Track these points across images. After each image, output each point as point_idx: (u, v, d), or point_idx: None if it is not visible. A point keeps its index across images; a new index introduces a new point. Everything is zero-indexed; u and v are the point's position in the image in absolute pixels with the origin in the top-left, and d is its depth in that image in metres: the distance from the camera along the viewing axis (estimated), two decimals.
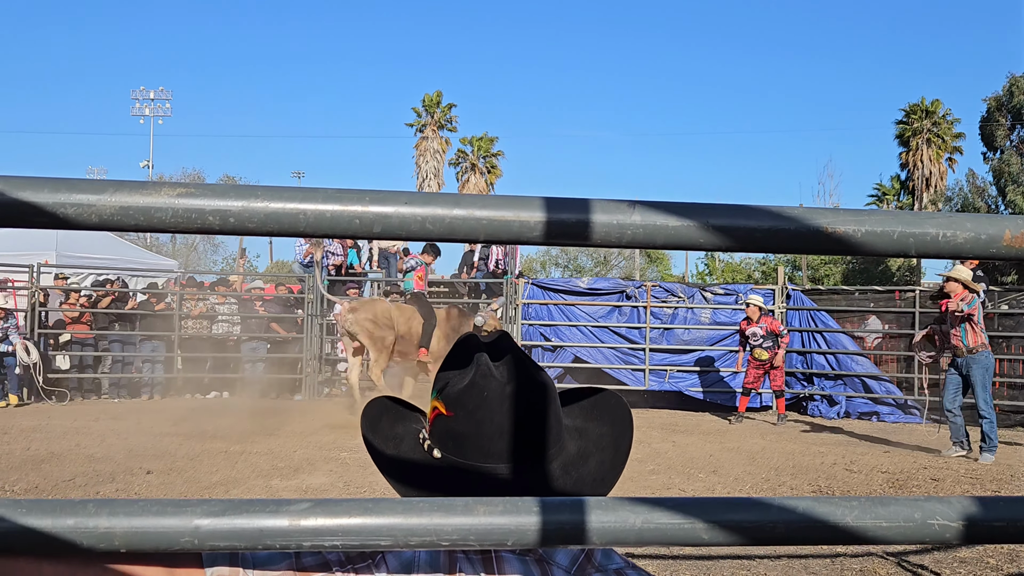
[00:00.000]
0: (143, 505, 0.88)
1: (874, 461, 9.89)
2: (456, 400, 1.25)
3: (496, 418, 1.22)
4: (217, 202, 0.86)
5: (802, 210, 0.92)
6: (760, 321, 13.79)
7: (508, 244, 0.93)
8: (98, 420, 12.37)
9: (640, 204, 0.91)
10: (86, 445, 9.95)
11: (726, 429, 13.05)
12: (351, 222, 0.88)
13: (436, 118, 54.84)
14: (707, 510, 0.91)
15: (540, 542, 0.90)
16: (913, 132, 47.69)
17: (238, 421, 12.41)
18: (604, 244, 0.91)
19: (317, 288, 15.80)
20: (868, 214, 0.93)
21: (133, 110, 57.46)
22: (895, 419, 14.66)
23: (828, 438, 12.22)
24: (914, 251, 0.93)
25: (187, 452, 9.55)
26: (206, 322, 16.51)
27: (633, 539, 0.91)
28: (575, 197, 0.91)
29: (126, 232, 21.39)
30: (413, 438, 1.33)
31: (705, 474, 8.86)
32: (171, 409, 14.15)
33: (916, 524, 0.93)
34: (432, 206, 0.88)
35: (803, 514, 0.92)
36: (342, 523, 0.89)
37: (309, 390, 16.11)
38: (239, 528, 0.88)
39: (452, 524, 0.89)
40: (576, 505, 0.91)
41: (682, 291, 16.23)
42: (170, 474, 8.31)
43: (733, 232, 0.91)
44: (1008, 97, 39.32)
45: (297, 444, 10.30)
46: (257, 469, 8.63)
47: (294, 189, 0.88)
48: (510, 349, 1.28)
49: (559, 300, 16.15)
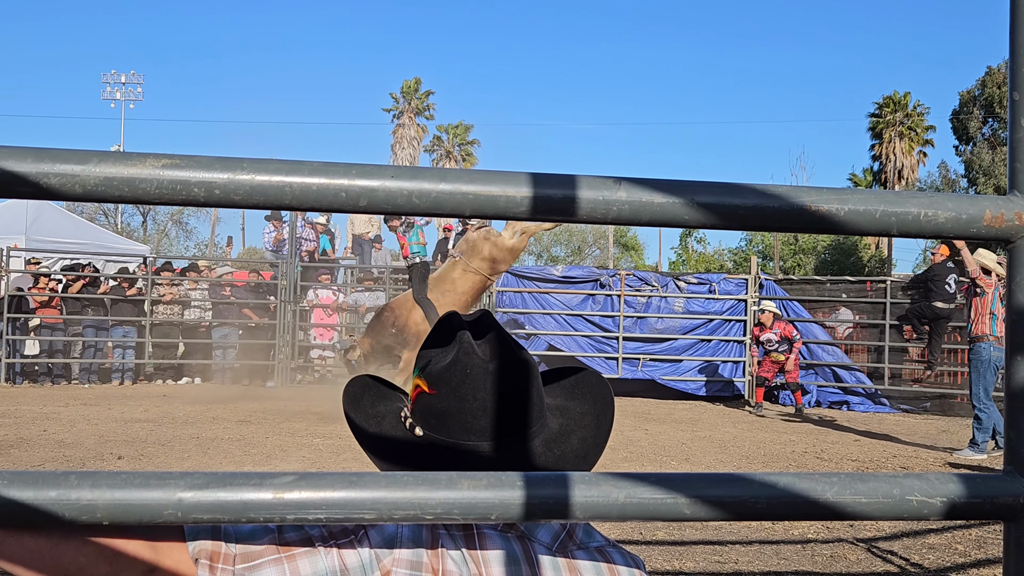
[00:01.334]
0: (126, 477, 0.87)
1: (844, 450, 9.99)
2: (439, 378, 1.26)
3: (479, 395, 1.23)
4: (203, 174, 0.86)
5: (786, 188, 0.93)
6: (774, 327, 14.07)
7: (494, 219, 0.93)
8: (68, 406, 12.28)
9: (626, 181, 0.91)
10: (55, 431, 9.87)
11: (698, 418, 13.12)
12: (337, 195, 0.87)
13: (414, 105, 54.72)
14: (689, 485, 0.92)
15: (524, 516, 0.90)
16: (886, 125, 48.06)
17: (210, 408, 12.35)
18: (590, 220, 0.91)
19: (291, 274, 15.73)
20: (851, 192, 0.93)
21: (104, 93, 56.81)
22: (865, 408, 14.82)
23: (799, 427, 12.32)
24: (896, 230, 0.94)
25: (158, 439, 9.50)
26: (177, 308, 16.40)
27: (616, 514, 0.91)
28: (561, 173, 0.91)
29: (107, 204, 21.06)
30: (395, 417, 1.33)
31: (677, 462, 8.91)
32: (142, 395, 14.06)
33: (895, 500, 0.94)
34: (419, 180, 0.88)
35: (784, 489, 0.93)
36: (326, 496, 0.88)
37: (281, 376, 16.05)
38: (222, 501, 0.87)
39: (436, 498, 0.89)
40: (559, 480, 0.91)
41: (656, 280, 16.29)
42: (141, 460, 8.26)
43: (718, 209, 0.91)
44: (981, 90, 39.72)
45: (269, 431, 10.26)
46: (229, 456, 8.60)
47: (280, 162, 0.87)
48: (493, 327, 1.29)
49: (533, 288, 16.17)
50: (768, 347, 14.07)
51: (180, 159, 0.86)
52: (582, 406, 1.36)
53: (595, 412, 1.35)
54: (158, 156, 0.86)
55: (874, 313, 15.68)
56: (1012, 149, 0.95)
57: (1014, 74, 0.95)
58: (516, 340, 1.30)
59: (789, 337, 14.02)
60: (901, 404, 15.00)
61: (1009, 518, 0.94)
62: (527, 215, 0.89)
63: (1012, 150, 0.95)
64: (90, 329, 15.87)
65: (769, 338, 14.03)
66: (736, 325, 16.16)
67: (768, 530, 6.13)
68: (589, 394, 1.38)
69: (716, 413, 13.84)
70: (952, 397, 14.68)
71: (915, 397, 14.92)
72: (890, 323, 15.15)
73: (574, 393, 1.39)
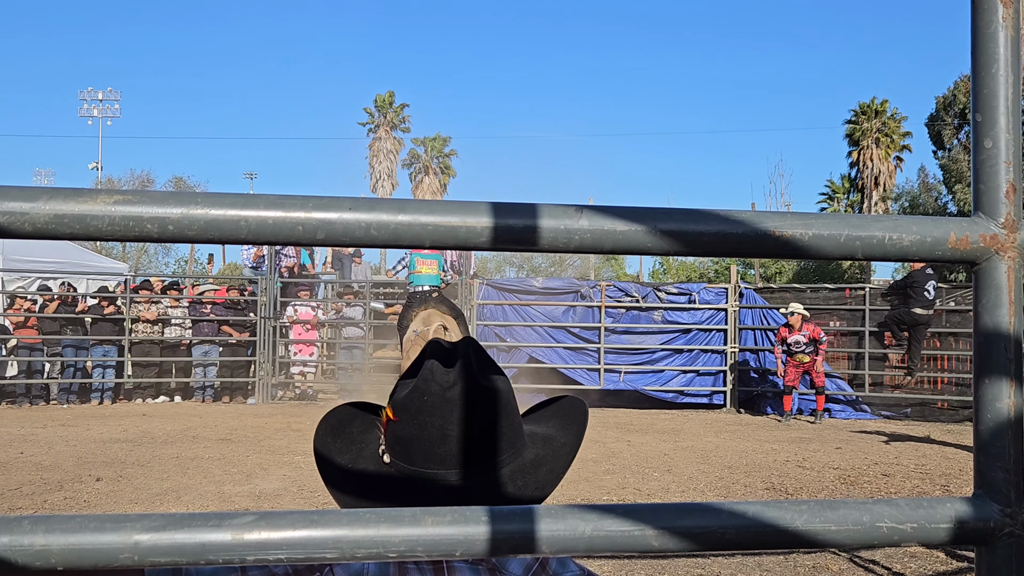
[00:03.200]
0: (81, 521, 0.85)
1: (826, 458, 10.01)
2: (400, 405, 1.25)
3: (436, 421, 1.22)
4: (156, 209, 0.84)
5: (750, 214, 0.92)
6: (803, 328, 14.19)
7: (454, 249, 0.91)
8: (46, 427, 12.17)
9: (588, 209, 0.90)
10: (33, 453, 9.78)
11: (680, 428, 13.13)
12: (294, 229, 0.86)
13: (389, 118, 54.74)
14: (657, 516, 0.91)
15: (489, 552, 0.89)
16: (863, 132, 48.44)
17: (190, 426, 12.27)
18: (552, 249, 0.90)
19: (271, 290, 15.69)
20: (815, 217, 0.93)
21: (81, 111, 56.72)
22: (846, 416, 14.87)
23: (780, 435, 12.34)
24: (861, 254, 0.93)
25: (137, 459, 9.42)
26: (157, 326, 16.30)
27: (583, 547, 0.90)
28: (522, 202, 0.90)
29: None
30: (374, 445, 1.32)
31: (660, 473, 8.90)
32: (121, 414, 13.96)
33: (864, 527, 0.93)
34: (376, 212, 0.87)
35: (753, 519, 0.92)
36: (286, 536, 0.87)
37: (262, 393, 15.97)
38: (180, 543, 0.85)
39: (399, 535, 0.88)
40: (525, 514, 0.90)
41: (636, 290, 16.32)
42: (120, 481, 8.19)
43: (681, 236, 0.90)
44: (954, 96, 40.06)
45: (250, 449, 10.20)
46: (209, 475, 8.53)
47: (235, 196, 0.86)
48: (463, 355, 1.27)
49: (514, 300, 16.15)
50: (795, 348, 14.19)
51: (132, 195, 0.84)
52: (566, 437, 1.36)
53: (571, 445, 1.35)
54: (110, 192, 0.84)
55: (853, 320, 15.74)
56: (976, 170, 0.94)
57: (976, 95, 0.94)
58: (494, 366, 1.30)
59: (816, 338, 14.16)
60: (882, 411, 15.07)
61: (980, 543, 0.93)
62: (488, 245, 0.88)
63: (976, 171, 0.95)
64: (69, 349, 15.74)
65: (797, 340, 14.18)
66: (716, 334, 16.20)
67: None
68: (574, 427, 1.38)
69: (698, 423, 13.86)
70: (932, 403, 14.77)
71: (896, 404, 14.98)
72: (870, 330, 15.22)
73: (564, 423, 1.39)
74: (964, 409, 14.42)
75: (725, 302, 16.09)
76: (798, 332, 14.18)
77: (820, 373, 14.23)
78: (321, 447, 1.34)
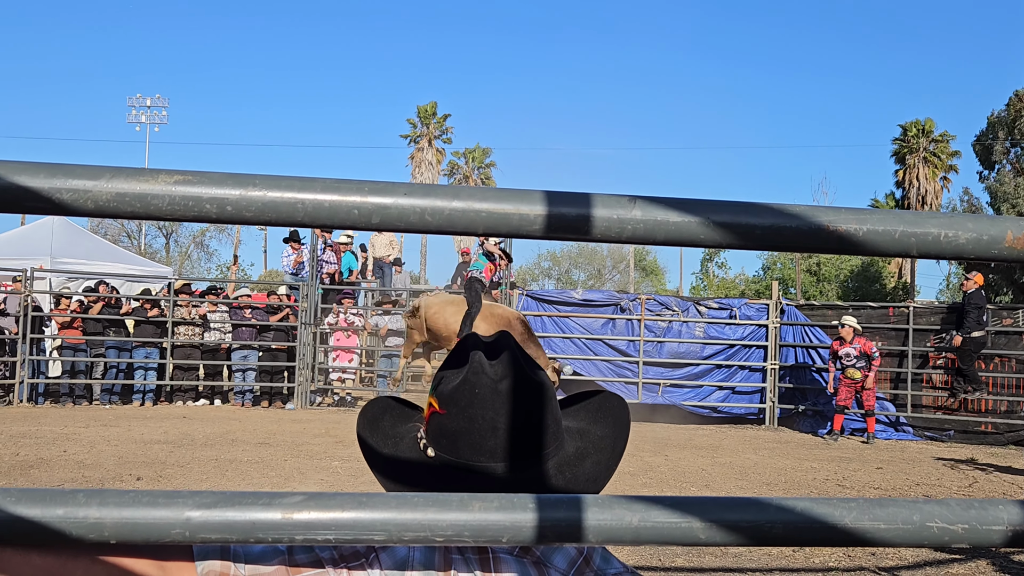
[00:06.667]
0: (134, 496, 0.86)
1: (866, 478, 9.88)
2: (449, 398, 1.25)
3: (487, 415, 1.22)
4: (215, 190, 0.85)
5: (804, 208, 0.91)
6: (854, 342, 14.03)
7: (507, 237, 0.92)
8: (88, 427, 12.32)
9: (641, 199, 0.90)
10: (75, 451, 9.90)
11: (719, 444, 13.02)
12: (349, 212, 0.87)
13: (431, 129, 54.96)
14: (705, 509, 0.90)
15: (536, 539, 0.89)
16: (909, 150, 47.93)
17: (229, 429, 12.37)
18: (604, 239, 0.90)
19: (312, 296, 15.81)
20: (870, 213, 0.92)
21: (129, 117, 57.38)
22: (887, 436, 14.66)
23: (820, 454, 12.20)
24: (915, 251, 0.92)
25: (177, 460, 9.51)
26: (198, 329, 16.45)
27: (629, 537, 0.89)
28: (575, 191, 0.90)
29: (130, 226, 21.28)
30: (412, 438, 1.33)
31: (697, 488, 8.84)
32: (162, 416, 14.10)
33: (914, 527, 0.92)
34: (431, 198, 0.88)
35: (801, 514, 0.91)
36: (335, 517, 0.88)
37: (301, 399, 16.06)
38: (231, 520, 0.86)
39: (447, 519, 0.88)
40: (572, 502, 0.89)
41: (676, 304, 16.23)
42: (160, 482, 8.27)
43: (735, 228, 0.90)
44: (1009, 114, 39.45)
45: (288, 453, 10.26)
46: (247, 478, 8.60)
47: (292, 178, 0.87)
48: (508, 347, 1.27)
49: (553, 312, 16.12)
50: (846, 362, 14.04)
51: (192, 175, 0.86)
52: (602, 430, 1.35)
53: (613, 436, 1.34)
54: (170, 172, 0.85)
55: (897, 339, 15.53)
56: None
57: None
58: (532, 361, 1.29)
59: (868, 353, 13.97)
60: (925, 432, 14.84)
61: None
62: (540, 233, 0.89)
63: None
64: (112, 350, 15.94)
65: (848, 352, 14.00)
66: (756, 351, 16.07)
67: (788, 558, 6.06)
68: (610, 418, 1.37)
69: (737, 439, 13.73)
70: (976, 425, 14.52)
71: (938, 425, 14.75)
72: (912, 350, 15.01)
73: (596, 416, 1.38)
74: (1009, 432, 14.18)
75: (766, 318, 15.96)
76: (849, 345, 13.99)
77: (871, 393, 14.02)
78: (365, 436, 1.35)
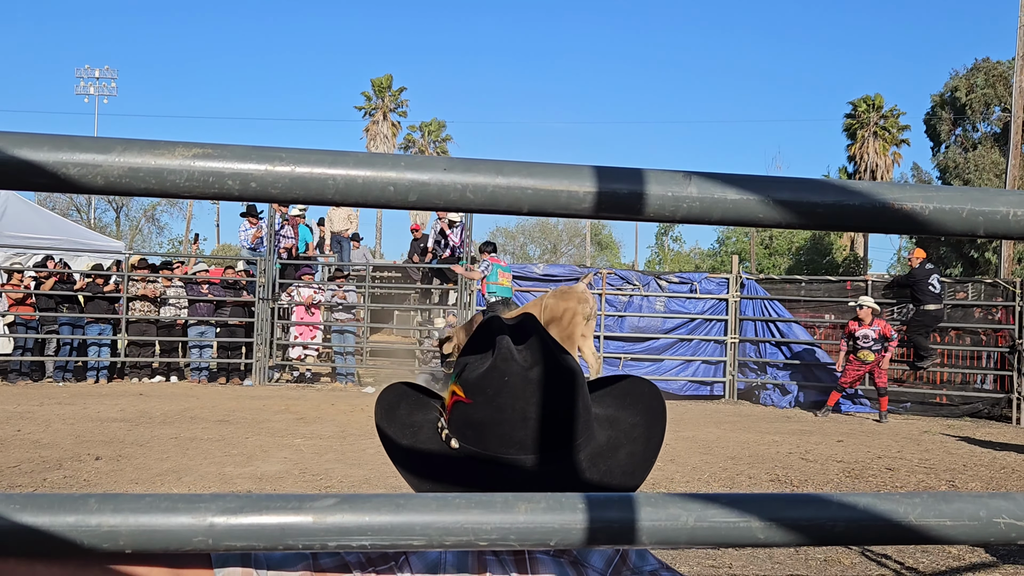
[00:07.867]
0: (151, 500, 0.79)
1: (828, 451, 9.97)
2: (475, 386, 1.17)
3: (518, 404, 1.14)
4: (238, 165, 0.78)
5: (868, 184, 0.86)
6: (873, 324, 13.72)
7: (554, 216, 0.85)
8: (43, 404, 12.10)
9: (696, 175, 0.84)
10: (31, 431, 9.70)
11: (680, 417, 13.07)
12: (385, 189, 0.80)
13: (386, 102, 54.56)
14: (764, 507, 0.85)
15: (586, 542, 0.83)
16: (860, 125, 48.46)
17: (187, 407, 12.20)
18: (658, 218, 0.84)
19: (269, 271, 15.63)
20: (936, 190, 0.87)
21: (77, 88, 56.40)
22: (846, 408, 14.82)
23: (781, 427, 12.31)
24: (983, 230, 0.87)
25: (136, 438, 9.35)
26: (153, 305, 16.18)
27: (685, 539, 0.84)
28: (628, 167, 0.83)
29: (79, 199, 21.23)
30: (432, 427, 1.24)
31: (663, 463, 8.85)
32: (117, 393, 13.88)
33: (981, 523, 0.88)
34: (473, 173, 0.81)
35: (864, 511, 0.86)
36: (371, 520, 0.81)
37: (259, 375, 15.89)
38: (259, 526, 0.79)
39: (491, 522, 0.82)
40: (624, 502, 0.84)
41: (637, 279, 16.24)
42: (119, 461, 8.12)
43: (796, 207, 0.84)
44: (950, 93, 40.02)
45: (249, 431, 10.13)
46: (209, 456, 8.47)
47: (322, 152, 0.80)
48: (535, 331, 1.20)
49: (515, 287, 16.06)
50: (863, 343, 13.72)
51: (212, 148, 0.78)
52: (633, 417, 1.27)
53: (646, 424, 1.26)
54: (188, 145, 0.78)
55: (851, 313, 15.66)
56: None
57: None
58: (560, 345, 1.22)
59: (888, 335, 13.70)
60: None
61: None
62: (590, 212, 0.82)
63: None
64: (65, 327, 15.64)
65: (866, 334, 13.67)
66: (717, 324, 16.15)
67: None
68: (640, 404, 1.29)
69: (698, 413, 13.81)
70: (932, 397, 14.73)
71: (895, 398, 14.92)
72: None
73: (624, 403, 1.29)
74: (964, 404, 14.40)
75: (727, 292, 16.03)
76: (868, 327, 13.71)
77: (884, 373, 13.78)
78: (383, 427, 1.26)
